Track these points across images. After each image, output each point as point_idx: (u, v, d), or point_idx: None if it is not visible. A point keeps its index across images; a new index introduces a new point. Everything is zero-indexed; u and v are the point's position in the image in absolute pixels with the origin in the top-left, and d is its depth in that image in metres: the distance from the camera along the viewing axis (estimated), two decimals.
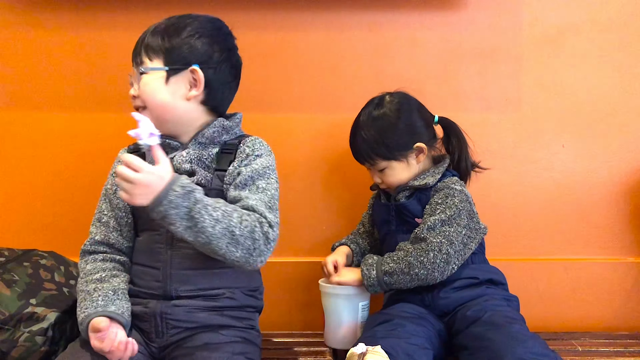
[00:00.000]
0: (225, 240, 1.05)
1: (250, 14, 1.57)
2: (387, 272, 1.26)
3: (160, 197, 1.02)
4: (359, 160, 1.39)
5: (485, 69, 1.60)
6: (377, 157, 1.34)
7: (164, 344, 1.13)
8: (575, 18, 1.60)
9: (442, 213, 1.28)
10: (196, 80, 1.16)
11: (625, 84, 1.60)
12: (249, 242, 1.06)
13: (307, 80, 1.60)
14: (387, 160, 1.34)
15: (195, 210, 1.03)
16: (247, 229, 1.06)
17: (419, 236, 1.27)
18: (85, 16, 1.57)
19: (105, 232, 1.19)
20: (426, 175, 1.35)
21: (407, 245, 1.28)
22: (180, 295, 1.13)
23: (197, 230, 1.04)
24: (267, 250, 1.09)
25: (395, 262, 1.26)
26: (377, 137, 1.33)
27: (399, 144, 1.34)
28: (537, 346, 1.07)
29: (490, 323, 1.16)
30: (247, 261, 1.08)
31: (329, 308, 1.35)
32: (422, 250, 1.24)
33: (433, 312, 1.29)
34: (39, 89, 1.58)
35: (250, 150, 1.18)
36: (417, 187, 1.34)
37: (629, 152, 1.60)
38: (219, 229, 1.04)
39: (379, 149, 1.33)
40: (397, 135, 1.34)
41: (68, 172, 1.58)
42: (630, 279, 1.59)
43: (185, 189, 1.04)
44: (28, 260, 1.31)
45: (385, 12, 1.59)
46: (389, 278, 1.26)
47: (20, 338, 1.16)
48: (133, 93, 1.18)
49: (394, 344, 1.09)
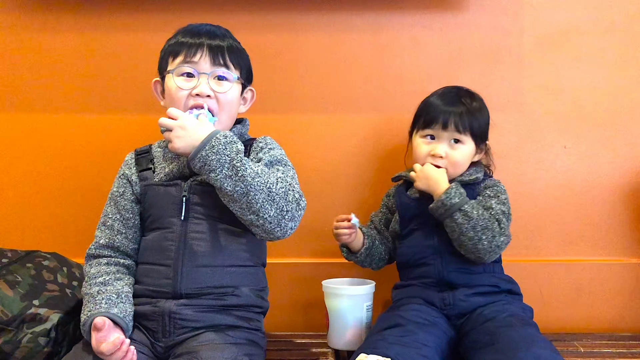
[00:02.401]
0: (263, 195, 1.08)
1: (253, 16, 1.58)
2: (465, 212, 1.25)
3: (204, 142, 1.07)
4: (450, 123, 1.33)
5: (487, 70, 1.60)
6: (471, 127, 1.34)
7: (170, 344, 1.13)
8: (577, 19, 1.60)
9: (502, 205, 1.30)
10: (247, 99, 1.30)
11: (627, 85, 1.60)
12: (283, 203, 1.10)
13: (309, 81, 1.60)
14: (472, 138, 1.35)
15: (237, 159, 1.08)
16: (282, 190, 1.10)
17: (495, 216, 1.27)
18: (88, 18, 1.57)
19: (110, 236, 1.20)
20: (471, 172, 1.37)
21: (488, 214, 1.27)
22: (190, 293, 1.14)
23: (238, 178, 1.07)
24: (297, 216, 1.13)
25: (478, 214, 1.25)
26: (478, 115, 1.35)
27: (485, 131, 1.38)
28: (551, 352, 1.08)
29: (507, 323, 1.18)
30: (279, 223, 1.11)
31: (332, 309, 1.35)
32: (498, 230, 1.26)
33: (449, 314, 1.28)
34: (42, 90, 1.58)
35: (264, 144, 1.24)
36: (467, 183, 1.34)
37: (632, 153, 1.60)
38: (257, 182, 1.08)
39: (477, 125, 1.35)
40: (486, 125, 1.39)
41: (71, 174, 1.58)
42: (632, 280, 1.59)
43: (228, 139, 1.09)
44: (31, 261, 1.31)
45: (388, 13, 1.59)
46: (461, 217, 1.25)
47: (24, 339, 1.16)
48: (207, 92, 1.19)
49: (404, 353, 1.08)
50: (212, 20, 1.30)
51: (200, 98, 1.19)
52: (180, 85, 1.19)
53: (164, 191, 1.19)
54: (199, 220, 1.17)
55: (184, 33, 1.24)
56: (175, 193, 1.18)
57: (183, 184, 1.18)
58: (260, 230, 1.12)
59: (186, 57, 1.20)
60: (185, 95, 1.19)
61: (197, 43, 1.20)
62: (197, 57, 1.20)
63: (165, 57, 1.24)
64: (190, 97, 1.19)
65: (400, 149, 1.54)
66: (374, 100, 1.60)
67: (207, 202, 1.16)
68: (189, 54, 1.20)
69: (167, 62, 1.23)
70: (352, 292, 1.35)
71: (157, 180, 1.21)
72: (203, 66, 1.20)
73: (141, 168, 1.24)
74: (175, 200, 1.18)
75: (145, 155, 1.26)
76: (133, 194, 1.23)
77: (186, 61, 1.20)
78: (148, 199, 1.21)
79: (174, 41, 1.24)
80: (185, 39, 1.22)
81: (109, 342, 1.02)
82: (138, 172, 1.24)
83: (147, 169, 1.23)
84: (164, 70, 1.24)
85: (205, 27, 1.25)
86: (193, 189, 1.18)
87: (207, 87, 1.19)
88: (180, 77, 1.20)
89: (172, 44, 1.23)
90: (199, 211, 1.17)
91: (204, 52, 1.20)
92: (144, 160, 1.25)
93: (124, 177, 1.24)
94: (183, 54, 1.20)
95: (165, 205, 1.19)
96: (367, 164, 1.60)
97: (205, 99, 1.19)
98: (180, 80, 1.20)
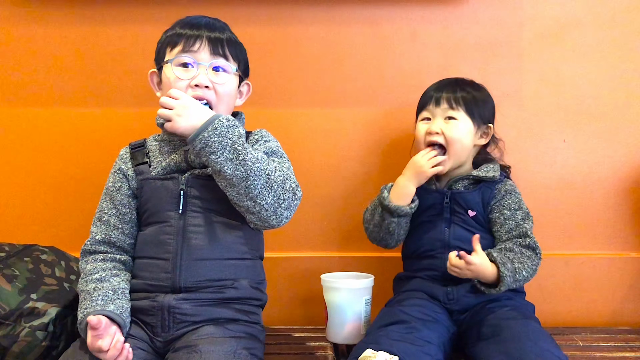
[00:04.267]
0: (262, 181, 1.08)
1: (251, 9, 1.57)
2: (518, 280, 1.25)
3: (206, 123, 1.08)
4: (443, 96, 1.36)
5: (487, 64, 1.60)
6: (465, 105, 1.35)
7: (170, 338, 1.12)
8: (576, 12, 1.59)
9: (526, 220, 1.31)
10: (243, 93, 1.30)
11: (627, 79, 1.60)
12: (280, 191, 1.10)
13: (308, 75, 1.59)
14: (467, 115, 1.35)
15: (239, 142, 1.08)
16: (280, 178, 1.11)
17: (531, 245, 1.28)
18: (85, 11, 1.56)
19: (106, 231, 1.19)
20: (489, 168, 1.35)
21: (529, 252, 1.27)
22: (189, 286, 1.14)
23: (238, 162, 1.07)
24: (293, 206, 1.13)
25: (528, 271, 1.25)
26: (476, 94, 1.37)
27: (484, 113, 1.37)
28: (555, 346, 1.10)
29: (509, 316, 1.19)
30: (275, 212, 1.11)
31: (331, 303, 1.35)
32: (536, 260, 1.27)
33: (452, 309, 1.28)
34: (39, 85, 1.58)
35: (260, 137, 1.24)
36: (482, 179, 1.33)
37: (631, 147, 1.60)
38: (257, 167, 1.08)
39: (472, 101, 1.35)
40: (488, 108, 1.39)
41: (68, 168, 1.58)
42: (631, 274, 1.59)
43: (230, 122, 1.09)
44: (29, 255, 1.30)
45: (386, 6, 1.58)
46: (517, 284, 1.25)
47: (21, 333, 1.15)
48: (205, 83, 1.18)
49: (408, 350, 1.08)
50: (209, 13, 1.30)
51: (199, 89, 1.18)
52: (179, 75, 1.18)
53: (161, 185, 1.19)
54: (197, 213, 1.17)
55: (182, 24, 1.23)
56: (172, 186, 1.18)
57: (180, 177, 1.18)
58: (256, 217, 1.12)
59: (185, 47, 1.19)
60: (184, 86, 1.18)
61: (197, 34, 1.20)
62: (197, 46, 1.19)
63: (163, 48, 1.23)
64: (188, 88, 1.18)
65: (400, 142, 1.53)
66: (374, 94, 1.59)
67: (205, 195, 1.16)
68: (188, 44, 1.19)
69: (164, 52, 1.22)
70: (351, 286, 1.35)
71: (153, 174, 1.20)
72: (202, 56, 1.19)
73: (137, 162, 1.23)
74: (172, 193, 1.17)
75: (141, 149, 1.25)
76: (130, 188, 1.22)
77: (185, 51, 1.19)
78: (145, 193, 1.20)
79: (172, 32, 1.23)
80: (184, 31, 1.21)
81: (106, 339, 1.02)
82: (134, 167, 1.23)
83: (143, 163, 1.22)
84: (161, 61, 1.23)
85: (204, 19, 1.24)
86: (190, 182, 1.17)
87: (206, 77, 1.18)
88: (179, 67, 1.19)
89: (171, 35, 1.22)
90: (196, 204, 1.17)
91: (203, 43, 1.19)
92: (140, 154, 1.24)
93: (120, 172, 1.23)
94: (182, 44, 1.19)
95: (162, 199, 1.18)
96: (367, 157, 1.60)
97: (203, 90, 1.18)
98: (178, 71, 1.19)
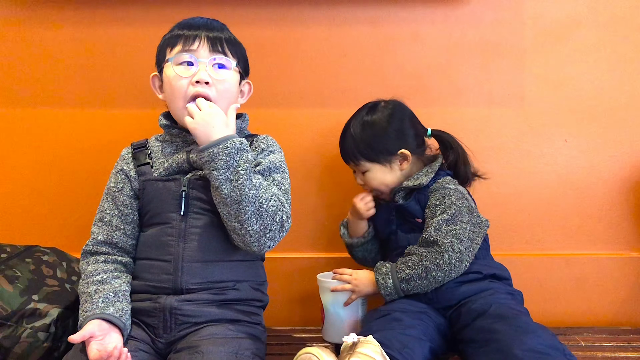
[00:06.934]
0: (253, 207, 1.08)
1: (251, 10, 1.57)
2: (404, 279, 1.26)
3: (219, 140, 1.09)
4: (344, 159, 1.41)
5: (488, 64, 1.60)
6: (361, 158, 1.36)
7: (172, 339, 1.13)
8: (578, 12, 1.59)
9: (443, 213, 1.28)
10: (245, 92, 1.29)
11: (628, 78, 1.59)
12: (269, 221, 1.10)
13: (309, 76, 1.59)
14: (371, 163, 1.36)
15: (243, 167, 1.08)
16: (272, 208, 1.10)
17: (428, 240, 1.27)
18: (87, 12, 1.56)
19: (108, 232, 1.19)
20: (419, 175, 1.36)
21: (420, 249, 1.27)
22: (191, 288, 1.14)
23: (236, 185, 1.07)
24: (278, 237, 1.13)
25: (411, 268, 1.26)
26: (365, 139, 1.36)
27: (385, 148, 1.36)
28: (546, 337, 1.08)
29: (497, 315, 1.16)
30: (259, 239, 1.11)
31: (327, 303, 1.35)
32: (437, 253, 1.24)
33: (435, 306, 1.28)
34: (40, 85, 1.58)
35: (265, 146, 1.23)
36: (412, 188, 1.35)
37: (632, 147, 1.60)
38: (252, 194, 1.08)
39: (364, 150, 1.36)
40: (385, 140, 1.36)
41: (70, 169, 1.58)
42: (633, 273, 1.59)
43: (243, 145, 1.11)
44: (30, 256, 1.31)
45: (388, 6, 1.58)
46: (407, 285, 1.26)
47: (23, 334, 1.16)
48: (206, 79, 1.18)
49: (388, 335, 1.10)
50: (209, 14, 1.30)
51: (200, 86, 1.17)
52: (180, 73, 1.18)
53: (163, 186, 1.19)
54: (198, 215, 1.17)
55: (180, 26, 1.23)
56: (174, 188, 1.18)
57: (182, 179, 1.18)
58: (239, 240, 1.12)
59: (184, 46, 1.19)
60: (186, 83, 1.18)
61: (195, 34, 1.20)
62: (196, 45, 1.19)
63: (163, 49, 1.23)
64: (190, 85, 1.18)
65: None
66: (375, 95, 1.58)
67: (207, 197, 1.16)
68: (187, 43, 1.19)
69: (164, 53, 1.22)
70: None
71: (156, 176, 1.21)
72: (202, 54, 1.19)
73: (139, 163, 1.23)
74: (174, 195, 1.18)
75: (143, 149, 1.25)
76: (132, 189, 1.22)
77: (185, 49, 1.19)
78: (147, 194, 1.20)
79: (170, 34, 1.23)
80: (183, 31, 1.21)
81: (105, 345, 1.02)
82: (136, 167, 1.23)
83: (145, 164, 1.23)
84: (161, 63, 1.23)
85: (201, 20, 1.24)
86: (192, 183, 1.17)
87: (206, 74, 1.18)
88: (180, 65, 1.19)
89: (169, 37, 1.23)
90: (198, 206, 1.17)
91: (202, 41, 1.20)
92: (142, 155, 1.24)
93: (122, 173, 1.23)
94: (181, 44, 1.20)
95: (164, 201, 1.18)
96: None
97: (204, 87, 1.18)
98: (179, 69, 1.19)
